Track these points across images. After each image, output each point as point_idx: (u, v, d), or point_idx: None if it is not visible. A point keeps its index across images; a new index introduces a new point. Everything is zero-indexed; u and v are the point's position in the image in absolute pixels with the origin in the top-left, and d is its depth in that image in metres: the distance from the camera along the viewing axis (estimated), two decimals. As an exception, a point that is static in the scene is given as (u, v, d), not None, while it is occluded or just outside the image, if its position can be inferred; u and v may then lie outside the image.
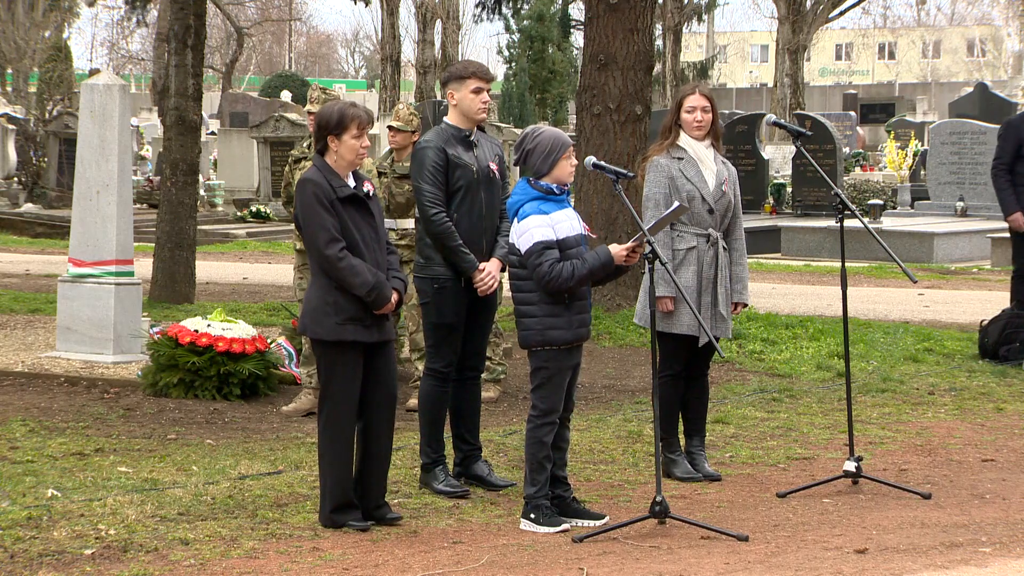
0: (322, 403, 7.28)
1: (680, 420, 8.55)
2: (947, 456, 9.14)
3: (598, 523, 7.36)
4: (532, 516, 7.31)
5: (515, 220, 7.38)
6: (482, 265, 7.93)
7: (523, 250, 7.29)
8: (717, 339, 8.12)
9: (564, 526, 7.31)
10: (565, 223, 7.34)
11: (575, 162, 7.47)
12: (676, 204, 7.72)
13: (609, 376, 11.72)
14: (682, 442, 8.55)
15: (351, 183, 7.23)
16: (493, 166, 8.07)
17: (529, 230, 7.28)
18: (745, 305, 8.53)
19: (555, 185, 7.36)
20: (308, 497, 7.72)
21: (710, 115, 8.34)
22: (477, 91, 7.97)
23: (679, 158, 8.32)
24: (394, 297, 7.23)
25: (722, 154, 8.49)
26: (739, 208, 8.50)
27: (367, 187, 7.29)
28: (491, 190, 8.03)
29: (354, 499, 7.24)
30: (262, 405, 10.64)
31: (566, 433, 7.59)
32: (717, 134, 8.43)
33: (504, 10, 49.31)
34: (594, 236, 7.69)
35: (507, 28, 53.76)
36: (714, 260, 8.29)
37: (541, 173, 7.37)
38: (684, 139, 8.37)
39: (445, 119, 8.08)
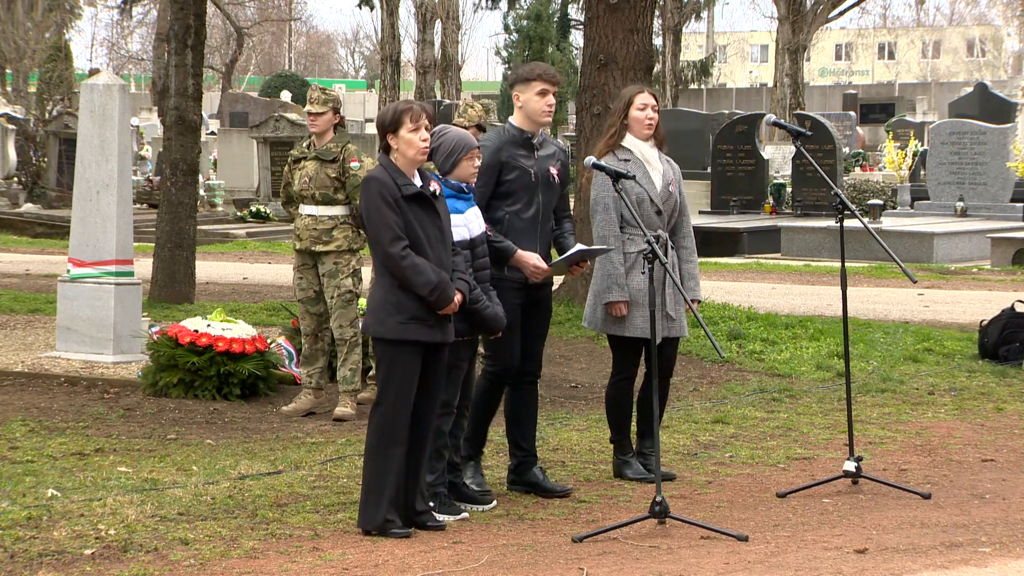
0: (376, 404, 7.21)
1: (633, 420, 8.56)
2: (947, 456, 9.14)
3: (487, 507, 7.62)
4: (431, 505, 7.36)
5: None
6: (528, 254, 7.85)
7: None
8: (709, 341, 8.07)
9: (463, 515, 7.45)
10: (475, 222, 7.53)
11: (478, 163, 7.58)
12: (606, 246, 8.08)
13: (608, 376, 11.66)
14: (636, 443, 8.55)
15: (417, 181, 7.18)
16: (554, 170, 8.08)
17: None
18: (698, 301, 8.46)
19: (464, 184, 7.53)
20: (308, 497, 7.73)
21: (657, 114, 8.35)
22: (543, 93, 7.97)
23: (626, 160, 8.28)
24: (457, 298, 7.16)
25: (664, 152, 8.47)
26: (686, 206, 8.50)
27: (433, 186, 7.24)
28: (549, 193, 8.06)
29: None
30: (262, 405, 10.64)
31: (463, 421, 7.80)
32: (660, 134, 8.42)
33: (503, 5, 49.42)
34: (491, 234, 7.77)
35: (506, 29, 53.79)
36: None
37: (444, 171, 7.51)
38: (629, 140, 8.33)
39: (510, 119, 8.09)
